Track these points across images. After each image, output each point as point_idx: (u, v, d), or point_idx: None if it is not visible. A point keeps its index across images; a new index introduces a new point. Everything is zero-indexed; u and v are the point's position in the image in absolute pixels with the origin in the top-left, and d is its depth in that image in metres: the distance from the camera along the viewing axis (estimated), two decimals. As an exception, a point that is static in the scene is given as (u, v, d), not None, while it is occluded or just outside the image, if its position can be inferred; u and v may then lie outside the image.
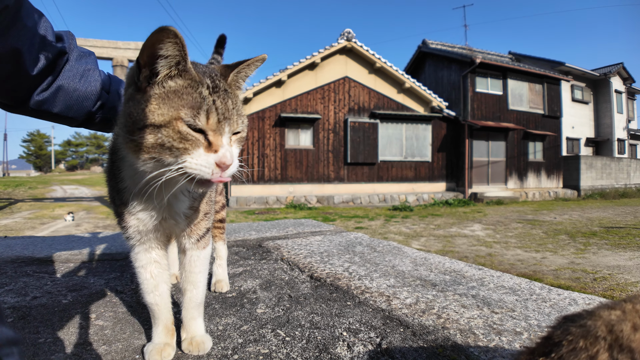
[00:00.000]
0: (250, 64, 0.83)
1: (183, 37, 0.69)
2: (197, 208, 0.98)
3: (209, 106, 0.72)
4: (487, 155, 17.77)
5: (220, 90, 0.76)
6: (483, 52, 21.71)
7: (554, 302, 1.32)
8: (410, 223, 9.81)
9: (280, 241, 2.47)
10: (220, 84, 0.77)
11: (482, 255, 5.96)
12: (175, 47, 0.70)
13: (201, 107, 0.72)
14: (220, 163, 0.72)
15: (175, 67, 0.73)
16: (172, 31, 0.67)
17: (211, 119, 0.72)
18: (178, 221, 0.95)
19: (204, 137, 0.73)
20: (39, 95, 0.95)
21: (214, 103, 0.73)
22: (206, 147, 0.73)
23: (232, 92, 0.81)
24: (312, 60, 15.05)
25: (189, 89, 0.73)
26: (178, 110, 0.70)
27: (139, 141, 0.72)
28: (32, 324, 1.20)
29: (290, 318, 1.23)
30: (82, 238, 2.65)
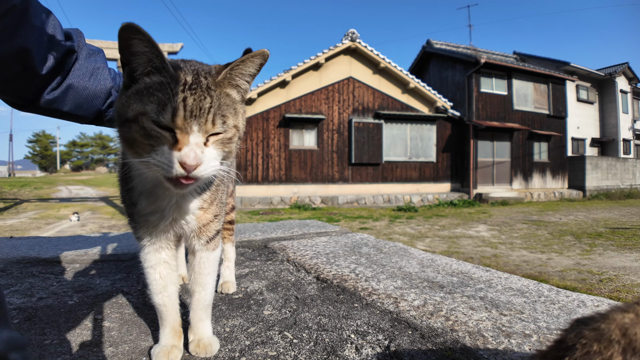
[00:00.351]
0: (245, 59, 0.79)
1: (147, 32, 0.68)
2: (207, 209, 0.97)
3: (177, 103, 0.70)
4: (492, 156, 17.70)
5: (200, 88, 0.73)
6: (488, 52, 21.64)
7: (562, 304, 1.31)
8: (414, 224, 9.78)
9: (285, 242, 2.47)
10: (203, 81, 0.75)
11: (488, 256, 5.94)
12: (142, 44, 0.70)
13: (168, 103, 0.70)
14: (182, 162, 0.69)
15: (149, 63, 0.73)
16: (134, 27, 0.67)
17: (178, 117, 0.70)
18: (188, 222, 0.95)
19: (172, 134, 0.71)
20: (49, 94, 0.95)
21: (184, 100, 0.71)
22: (171, 145, 0.71)
23: (219, 90, 0.77)
24: (316, 60, 15.05)
25: (162, 85, 0.72)
26: (145, 106, 0.70)
27: (121, 135, 0.75)
28: (38, 325, 1.20)
29: (298, 320, 1.23)
30: (88, 238, 2.65)
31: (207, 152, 0.73)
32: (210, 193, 0.96)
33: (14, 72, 0.85)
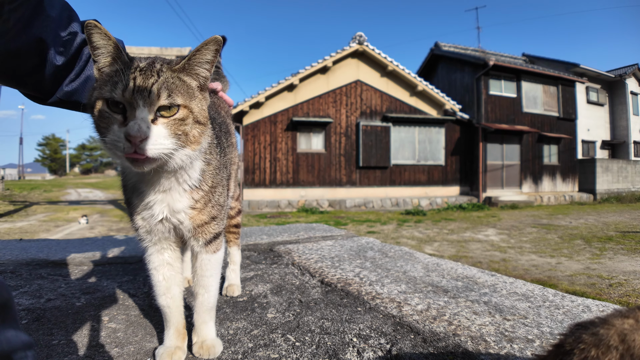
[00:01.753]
0: (200, 48, 0.82)
1: (105, 27, 0.75)
2: (201, 210, 0.97)
3: (126, 81, 0.75)
4: (502, 159, 17.57)
5: (150, 71, 0.78)
6: (496, 54, 21.51)
7: (567, 309, 1.30)
8: (423, 227, 9.74)
9: (291, 245, 2.48)
10: (157, 66, 0.79)
11: (496, 261, 5.89)
12: (100, 37, 0.77)
13: (118, 82, 0.75)
14: (126, 135, 0.72)
15: (109, 55, 0.78)
16: (92, 23, 0.74)
17: (126, 92, 0.74)
18: (181, 221, 0.95)
19: (122, 116, 0.75)
20: (68, 86, 0.96)
21: (134, 80, 0.75)
22: (121, 123, 0.75)
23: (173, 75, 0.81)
24: (323, 64, 15.07)
25: (117, 71, 0.77)
26: (100, 90, 0.76)
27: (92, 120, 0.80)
28: (46, 325, 1.22)
29: (301, 323, 1.23)
30: (96, 241, 2.68)
31: (155, 129, 0.76)
32: (203, 193, 0.96)
33: (32, 64, 0.86)
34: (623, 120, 21.99)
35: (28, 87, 0.93)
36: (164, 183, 0.89)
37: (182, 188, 0.92)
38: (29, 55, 0.84)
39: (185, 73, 0.83)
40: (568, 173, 19.23)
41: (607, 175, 18.92)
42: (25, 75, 0.88)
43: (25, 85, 0.92)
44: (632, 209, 13.79)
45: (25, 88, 0.93)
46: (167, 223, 0.95)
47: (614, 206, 15.44)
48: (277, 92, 14.98)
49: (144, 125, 0.73)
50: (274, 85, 14.70)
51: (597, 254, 6.17)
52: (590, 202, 17.86)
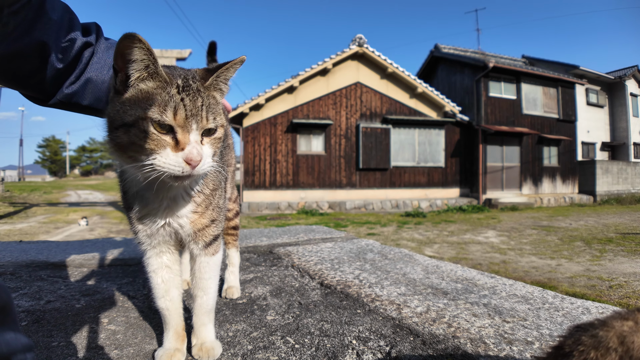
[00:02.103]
0: (228, 67, 0.85)
1: (147, 42, 0.72)
2: (202, 213, 0.98)
3: (177, 103, 0.75)
4: (502, 161, 17.58)
5: (192, 91, 0.78)
6: (496, 56, 21.53)
7: (566, 311, 1.30)
8: (423, 229, 9.74)
9: (291, 247, 2.48)
10: (193, 84, 0.80)
11: (496, 263, 5.89)
12: (141, 52, 0.74)
13: (168, 104, 0.74)
14: (187, 160, 0.75)
15: (145, 69, 0.76)
16: (136, 37, 0.71)
17: (178, 115, 0.75)
18: (182, 226, 0.96)
19: (172, 136, 0.76)
20: (68, 88, 0.96)
21: (182, 101, 0.76)
22: (174, 146, 0.76)
23: (208, 93, 0.83)
24: (323, 66, 15.09)
25: (158, 89, 0.76)
26: (145, 110, 0.74)
27: (116, 140, 0.77)
28: (46, 327, 1.22)
29: (300, 325, 1.23)
30: (96, 243, 2.68)
31: (204, 149, 0.79)
32: (204, 197, 0.97)
33: (33, 66, 0.86)
34: (623, 122, 22.01)
35: (29, 89, 0.93)
36: (172, 191, 0.90)
37: (187, 194, 0.94)
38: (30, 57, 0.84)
39: (213, 88, 0.85)
40: (568, 175, 19.25)
41: (607, 176, 18.93)
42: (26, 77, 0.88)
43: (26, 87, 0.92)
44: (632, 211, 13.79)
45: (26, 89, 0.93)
46: (169, 227, 0.96)
47: (614, 208, 15.44)
48: (277, 94, 15.00)
49: (200, 149, 0.77)
50: (274, 87, 14.72)
51: (597, 256, 6.17)
52: (590, 203, 17.85)
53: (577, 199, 18.00)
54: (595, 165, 18.63)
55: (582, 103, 20.38)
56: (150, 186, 0.84)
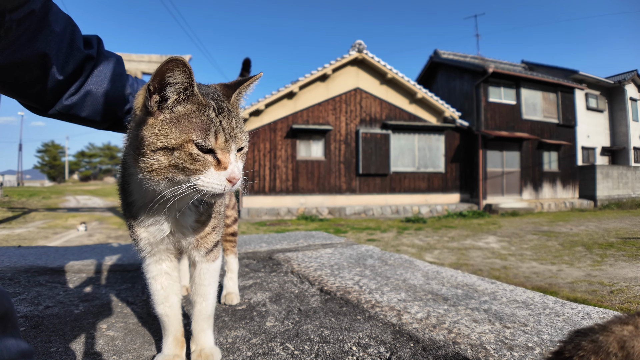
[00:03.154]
0: (249, 83, 0.88)
1: (190, 66, 0.73)
2: (204, 222, 1.00)
3: (217, 127, 0.78)
4: (502, 166, 17.58)
5: (225, 111, 0.81)
6: (495, 61, 21.61)
7: (567, 316, 1.29)
8: (423, 235, 9.72)
9: (290, 253, 2.47)
10: (224, 105, 0.82)
11: (497, 268, 5.87)
12: (183, 75, 0.74)
13: (210, 129, 0.77)
14: (230, 179, 0.78)
15: (184, 92, 0.77)
16: (181, 61, 0.71)
17: (219, 139, 0.78)
18: (186, 234, 0.97)
19: (212, 156, 0.78)
20: (68, 100, 0.97)
21: (221, 124, 0.78)
22: (215, 166, 0.78)
23: (235, 111, 0.85)
24: (323, 72, 15.14)
25: (197, 112, 0.77)
26: (189, 134, 0.75)
27: (153, 162, 0.76)
28: (44, 333, 1.22)
29: (300, 332, 1.23)
30: (95, 249, 2.68)
31: (240, 166, 0.83)
32: (207, 206, 0.98)
33: (34, 76, 0.87)
34: (623, 127, 22.04)
35: (29, 99, 0.94)
36: (181, 203, 0.89)
37: (194, 205, 0.95)
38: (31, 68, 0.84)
39: (236, 104, 0.88)
40: (568, 180, 19.23)
41: (608, 181, 18.92)
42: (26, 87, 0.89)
43: (26, 97, 0.93)
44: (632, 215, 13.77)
45: (25, 99, 0.94)
46: (172, 237, 0.97)
47: (614, 212, 15.43)
48: (277, 100, 15.03)
49: (239, 167, 0.82)
50: (274, 93, 14.75)
51: (598, 261, 6.15)
52: (590, 208, 17.83)
53: (578, 204, 17.98)
54: (595, 170, 18.63)
55: (581, 108, 20.41)
56: (161, 199, 0.83)
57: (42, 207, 17.34)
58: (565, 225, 11.35)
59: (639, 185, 20.42)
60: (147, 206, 0.90)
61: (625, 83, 21.73)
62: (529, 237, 9.08)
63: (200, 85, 0.85)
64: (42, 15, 0.81)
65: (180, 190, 0.77)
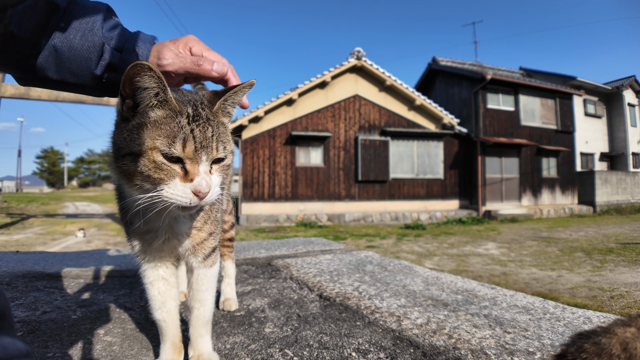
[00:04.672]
0: (237, 90, 0.83)
1: (158, 71, 0.71)
2: (200, 228, 0.98)
3: (186, 135, 0.73)
4: (501, 172, 17.60)
5: (202, 119, 0.76)
6: (494, 68, 21.73)
7: (568, 321, 1.28)
8: (422, 242, 9.71)
9: (289, 260, 2.46)
10: (202, 112, 0.78)
11: (497, 275, 5.86)
12: (152, 80, 0.72)
13: (177, 136, 0.72)
14: (195, 192, 0.73)
15: (155, 97, 0.74)
16: (146, 65, 0.69)
17: (188, 148, 0.73)
18: (181, 241, 0.96)
19: (181, 166, 0.74)
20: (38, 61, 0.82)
21: (192, 132, 0.74)
22: (182, 177, 0.74)
23: (216, 119, 0.81)
24: (322, 79, 15.20)
25: (167, 119, 0.74)
26: (154, 140, 0.72)
27: (122, 168, 0.75)
28: (42, 338, 1.21)
29: (299, 338, 1.22)
30: (93, 254, 2.67)
31: (213, 179, 0.78)
32: (203, 213, 0.98)
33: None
34: (621, 132, 22.11)
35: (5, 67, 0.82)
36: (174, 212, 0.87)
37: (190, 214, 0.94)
38: None
39: (221, 113, 0.83)
40: (567, 185, 19.26)
41: (607, 187, 18.94)
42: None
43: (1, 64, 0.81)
44: (632, 221, 13.77)
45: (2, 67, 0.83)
46: (168, 243, 0.96)
47: (613, 218, 15.43)
48: (276, 107, 15.08)
49: (208, 179, 0.75)
50: (273, 100, 14.80)
51: (598, 266, 6.14)
52: (590, 214, 17.84)
53: (577, 210, 17.99)
54: (594, 175, 18.66)
55: (580, 114, 20.49)
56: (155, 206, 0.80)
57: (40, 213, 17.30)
58: (565, 231, 11.34)
59: (637, 191, 20.45)
60: (140, 212, 0.87)
61: (623, 89, 21.84)
62: (529, 243, 9.07)
63: (182, 90, 0.83)
64: None
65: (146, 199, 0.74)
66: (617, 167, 22.33)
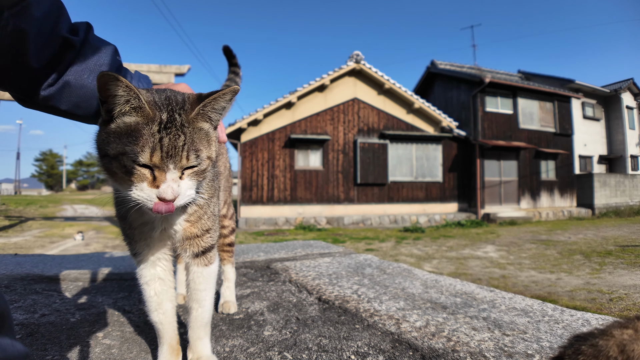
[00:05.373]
0: (216, 97, 0.82)
1: (125, 79, 0.72)
2: (194, 222, 0.97)
3: (154, 144, 0.74)
4: (499, 175, 17.62)
5: (175, 126, 0.77)
6: (492, 71, 21.77)
7: (566, 324, 1.29)
8: (421, 245, 9.70)
9: (288, 263, 2.46)
10: (178, 118, 0.78)
11: (496, 277, 5.86)
12: (120, 89, 0.74)
13: (146, 144, 0.74)
14: (160, 198, 0.75)
15: (126, 104, 0.76)
16: (112, 76, 0.71)
17: (155, 157, 0.74)
18: (176, 231, 0.96)
19: (150, 171, 0.76)
20: (45, 91, 0.89)
21: (161, 141, 0.74)
22: (151, 182, 0.76)
23: (193, 125, 0.80)
24: (321, 82, 15.23)
25: (139, 125, 0.75)
26: (125, 146, 0.74)
27: (102, 166, 0.80)
28: (40, 341, 1.20)
29: (298, 341, 1.22)
30: (92, 257, 2.66)
31: (183, 184, 0.78)
32: (198, 207, 0.97)
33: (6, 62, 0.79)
34: (619, 135, 22.15)
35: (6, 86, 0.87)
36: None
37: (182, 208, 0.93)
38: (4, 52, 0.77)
39: (201, 119, 0.83)
40: (566, 188, 19.28)
41: (605, 189, 18.96)
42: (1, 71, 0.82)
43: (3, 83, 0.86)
44: (630, 223, 13.79)
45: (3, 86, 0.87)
46: (165, 233, 0.95)
47: (612, 220, 15.44)
48: (275, 110, 15.09)
49: (175, 186, 0.76)
50: (272, 103, 14.81)
51: (597, 269, 6.14)
52: (588, 217, 17.85)
53: (576, 213, 18.01)
54: (592, 178, 18.68)
55: (578, 117, 20.53)
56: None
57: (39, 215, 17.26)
58: (564, 233, 11.35)
59: (636, 193, 20.48)
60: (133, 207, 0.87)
61: (621, 92, 21.89)
62: (528, 246, 9.08)
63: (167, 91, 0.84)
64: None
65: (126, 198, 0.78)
66: (616, 170, 22.37)
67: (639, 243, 8.83)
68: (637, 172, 22.63)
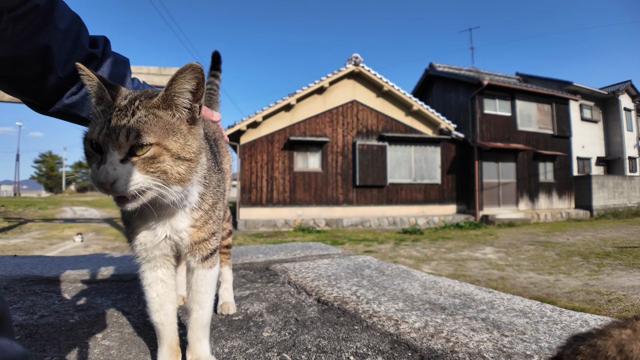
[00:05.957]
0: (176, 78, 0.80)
1: (91, 71, 0.79)
2: (200, 227, 0.98)
3: (103, 125, 0.76)
4: (498, 177, 17.64)
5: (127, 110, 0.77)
6: (490, 73, 21.81)
7: (565, 324, 1.29)
8: (420, 246, 9.70)
9: (287, 264, 2.46)
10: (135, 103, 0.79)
11: (494, 279, 5.86)
12: (87, 80, 0.80)
13: (97, 125, 0.77)
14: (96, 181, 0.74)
15: (95, 94, 0.81)
16: (81, 67, 0.78)
17: (100, 136, 0.75)
18: (182, 238, 0.96)
19: (100, 155, 0.77)
20: (69, 99, 0.96)
21: (109, 122, 0.76)
22: (99, 163, 0.76)
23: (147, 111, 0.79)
24: (320, 84, 15.24)
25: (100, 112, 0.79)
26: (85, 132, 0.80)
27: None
28: (39, 342, 1.20)
29: (297, 342, 1.22)
30: (91, 259, 2.66)
31: (123, 168, 0.74)
32: (203, 212, 0.97)
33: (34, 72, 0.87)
34: (617, 137, 22.19)
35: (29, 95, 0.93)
36: (167, 210, 0.90)
37: (184, 211, 0.93)
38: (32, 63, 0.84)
39: (162, 108, 0.81)
40: (564, 190, 19.30)
41: (603, 191, 18.99)
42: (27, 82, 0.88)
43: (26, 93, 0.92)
44: (628, 224, 13.81)
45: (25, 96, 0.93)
46: (169, 240, 0.95)
47: (610, 222, 15.46)
48: (275, 112, 15.09)
49: (110, 169, 0.73)
50: (272, 105, 14.82)
51: (595, 270, 6.15)
52: (587, 218, 17.88)
53: (574, 214, 18.03)
54: (591, 180, 18.71)
55: (576, 119, 20.57)
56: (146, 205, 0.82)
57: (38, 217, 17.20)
58: (562, 235, 11.36)
59: (634, 195, 20.51)
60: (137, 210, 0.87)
61: (619, 93, 21.94)
62: (526, 247, 9.08)
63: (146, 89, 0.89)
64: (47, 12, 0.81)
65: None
66: (614, 172, 22.40)
67: (637, 244, 8.85)
68: (635, 173, 22.67)
